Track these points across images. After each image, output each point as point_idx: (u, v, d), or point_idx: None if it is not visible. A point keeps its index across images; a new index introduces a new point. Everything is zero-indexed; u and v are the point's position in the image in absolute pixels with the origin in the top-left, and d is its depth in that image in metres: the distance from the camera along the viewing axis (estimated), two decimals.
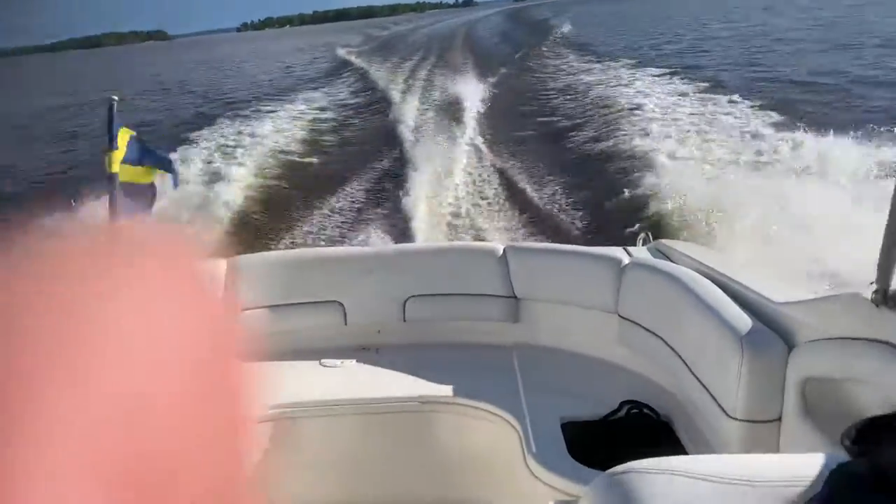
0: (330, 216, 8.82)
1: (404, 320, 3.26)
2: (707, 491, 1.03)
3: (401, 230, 7.67)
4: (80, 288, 0.21)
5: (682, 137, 9.78)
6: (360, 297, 3.24)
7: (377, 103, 16.99)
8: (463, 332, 3.27)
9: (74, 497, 0.17)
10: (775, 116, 10.31)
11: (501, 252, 3.25)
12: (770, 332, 2.19)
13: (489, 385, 2.88)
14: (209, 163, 11.15)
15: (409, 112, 14.43)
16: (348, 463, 2.87)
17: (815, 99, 12.11)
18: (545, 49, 26.22)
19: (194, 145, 12.81)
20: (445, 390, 2.86)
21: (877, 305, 1.72)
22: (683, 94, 13.25)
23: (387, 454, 2.89)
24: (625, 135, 10.44)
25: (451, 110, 14.27)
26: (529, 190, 9.15)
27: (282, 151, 12.25)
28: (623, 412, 2.67)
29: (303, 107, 17.49)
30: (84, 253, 0.22)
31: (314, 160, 11.96)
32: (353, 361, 3.09)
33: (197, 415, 0.22)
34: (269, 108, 17.57)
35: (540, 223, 7.88)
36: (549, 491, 2.32)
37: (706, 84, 13.97)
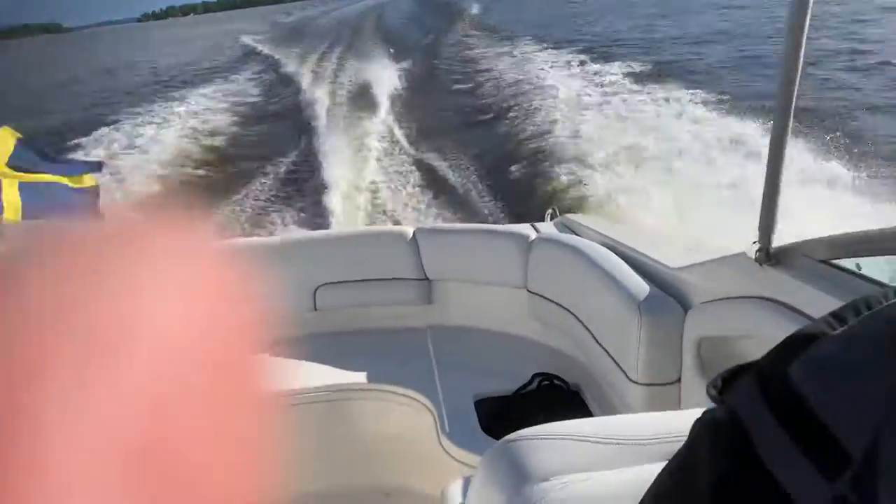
0: (240, 206, 8.62)
1: (315, 309, 3.21)
2: (593, 451, 1.06)
3: (315, 218, 7.58)
4: (98, 280, 0.20)
5: (592, 118, 9.99)
6: (267, 288, 3.17)
7: (286, 92, 16.67)
8: (376, 318, 3.25)
9: (92, 484, 0.17)
10: (687, 99, 10.62)
11: (411, 235, 3.24)
12: (666, 296, 2.26)
13: (403, 369, 2.88)
14: (112, 157, 10.71)
15: (321, 99, 14.21)
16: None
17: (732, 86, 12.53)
18: (456, 32, 26.26)
19: (95, 139, 12.27)
20: (359, 377, 2.84)
21: (760, 264, 1.80)
22: (594, 75, 13.53)
23: (301, 446, 2.85)
24: (536, 116, 10.58)
25: (364, 97, 14.14)
26: (444, 172, 9.18)
27: (189, 141, 11.88)
28: (534, 385, 2.72)
29: (207, 97, 16.99)
30: (95, 246, 0.22)
31: (221, 151, 11.65)
32: (264, 354, 3.03)
33: (218, 405, 0.21)
34: (172, 99, 16.99)
35: (455, 205, 7.93)
36: (460, 467, 2.34)
37: (616, 65, 14.28)
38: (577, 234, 3.11)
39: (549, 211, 3.69)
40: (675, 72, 12.97)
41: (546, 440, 1.07)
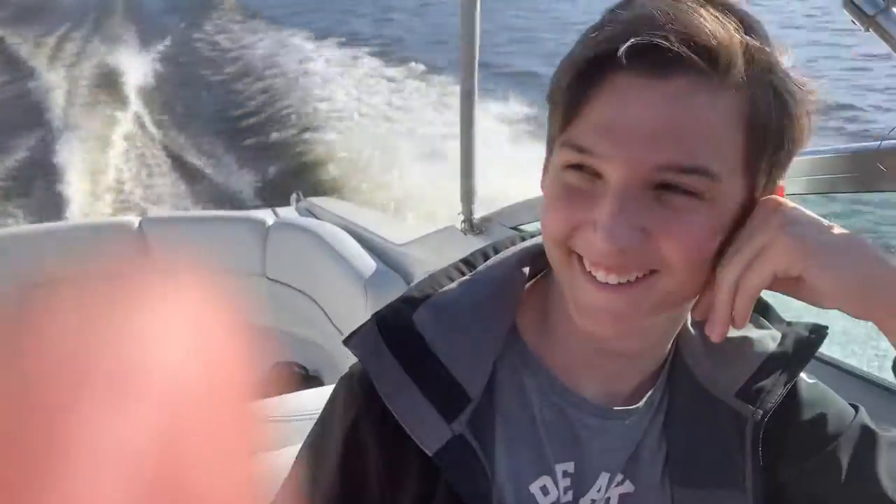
0: None
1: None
2: (273, 430, 1.02)
3: (49, 210, 6.85)
4: (107, 324, 0.21)
5: (345, 103, 10.06)
6: None
7: (18, 79, 14.85)
8: None
9: None
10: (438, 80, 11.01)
11: (137, 225, 2.98)
12: (390, 271, 2.29)
13: None
14: None
15: (59, 86, 12.84)
16: None
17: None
18: (214, 16, 25.02)
19: None
20: None
21: (465, 234, 1.86)
22: (353, 59, 13.59)
23: None
24: (289, 101, 10.46)
25: (110, 83, 13.00)
26: (194, 160, 8.79)
27: None
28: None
29: None
30: (106, 291, 0.23)
31: None
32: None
33: (223, 434, 0.22)
34: None
35: (206, 191, 7.63)
36: None
37: (377, 50, 14.45)
38: (317, 218, 3.06)
39: (294, 195, 3.61)
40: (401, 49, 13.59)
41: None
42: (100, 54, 16.24)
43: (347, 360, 2.30)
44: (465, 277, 0.79)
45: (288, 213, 3.25)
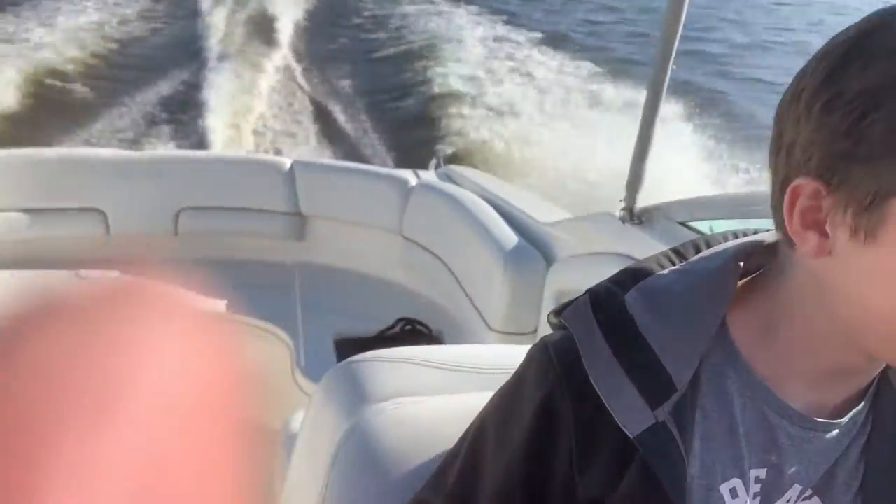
0: (115, 120, 8.11)
1: (176, 233, 3.04)
2: (434, 376, 1.06)
3: (196, 143, 7.25)
4: (92, 337, 0.21)
5: (493, 77, 10.00)
6: (125, 206, 2.97)
7: (184, 11, 15.70)
8: (243, 249, 3.12)
9: None
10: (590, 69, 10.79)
11: (289, 166, 3.11)
12: (531, 248, 2.28)
13: (265, 302, 2.78)
14: None
15: (218, 22, 13.48)
16: None
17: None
18: None
19: None
20: (217, 306, 2.71)
21: (623, 223, 1.83)
22: (505, 38, 13.50)
23: None
24: (440, 67, 10.49)
25: (265, 25, 13.53)
26: (337, 111, 9.00)
27: (75, 45, 10.99)
28: (397, 328, 2.70)
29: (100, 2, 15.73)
30: (89, 304, 0.22)
31: (109, 57, 10.87)
32: (116, 274, 2.84)
33: (210, 450, 0.23)
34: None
35: (345, 144, 7.82)
36: None
37: (529, 31, 14.32)
38: (457, 185, 3.09)
39: (434, 160, 3.65)
40: (568, 39, 13.19)
41: (387, 363, 1.06)
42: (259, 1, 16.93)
43: (472, 325, 2.32)
44: (676, 266, 0.77)
45: (428, 176, 3.30)
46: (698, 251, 0.79)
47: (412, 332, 2.69)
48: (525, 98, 8.80)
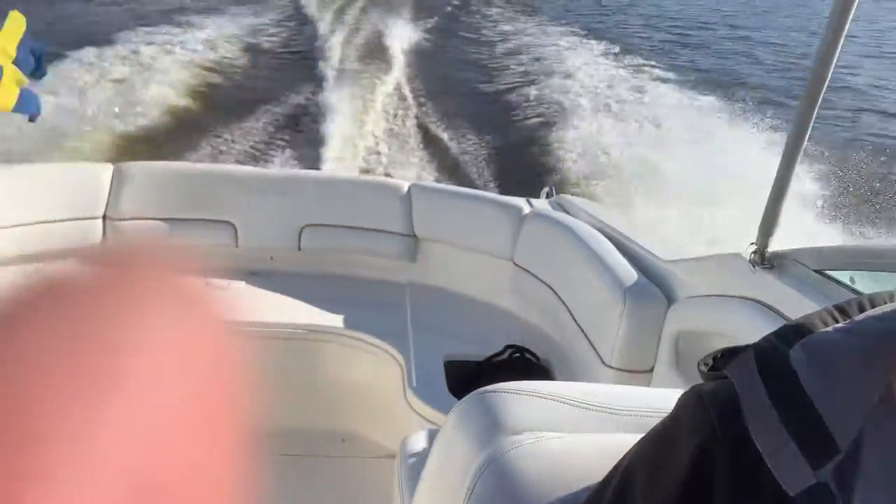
0: (237, 138, 8.55)
1: (299, 248, 3.17)
2: (567, 413, 1.05)
3: (312, 159, 7.55)
4: (94, 322, 0.21)
5: (604, 105, 9.92)
6: (254, 220, 3.13)
7: (304, 33, 16.40)
8: (358, 267, 3.22)
9: None
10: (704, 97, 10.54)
11: (406, 189, 3.19)
12: (653, 286, 2.25)
13: (378, 320, 2.86)
14: (129, 58, 10.54)
15: (336, 45, 14.01)
16: None
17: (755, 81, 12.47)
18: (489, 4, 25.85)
19: (105, 49, 12.02)
20: (334, 321, 2.81)
21: (753, 266, 1.78)
22: (613, 62, 13.39)
23: (266, 381, 2.82)
24: (548, 94, 10.51)
25: (379, 51, 13.94)
26: (446, 136, 9.14)
27: (203, 68, 11.70)
28: (506, 355, 2.70)
29: (228, 26, 16.65)
30: (90, 288, 0.22)
31: (233, 80, 11.50)
32: (243, 284, 2.99)
33: (210, 440, 0.23)
34: (193, 23, 16.66)
35: (452, 169, 7.91)
36: (421, 422, 2.34)
37: (638, 56, 14.15)
38: (570, 215, 3.08)
39: (546, 189, 3.66)
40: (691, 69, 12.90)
41: (521, 396, 1.07)
42: (375, 21, 17.47)
43: (584, 357, 2.30)
44: (840, 324, 0.75)
45: (541, 204, 3.30)
46: (863, 310, 0.77)
47: (521, 359, 2.70)
48: (641, 129, 8.66)
